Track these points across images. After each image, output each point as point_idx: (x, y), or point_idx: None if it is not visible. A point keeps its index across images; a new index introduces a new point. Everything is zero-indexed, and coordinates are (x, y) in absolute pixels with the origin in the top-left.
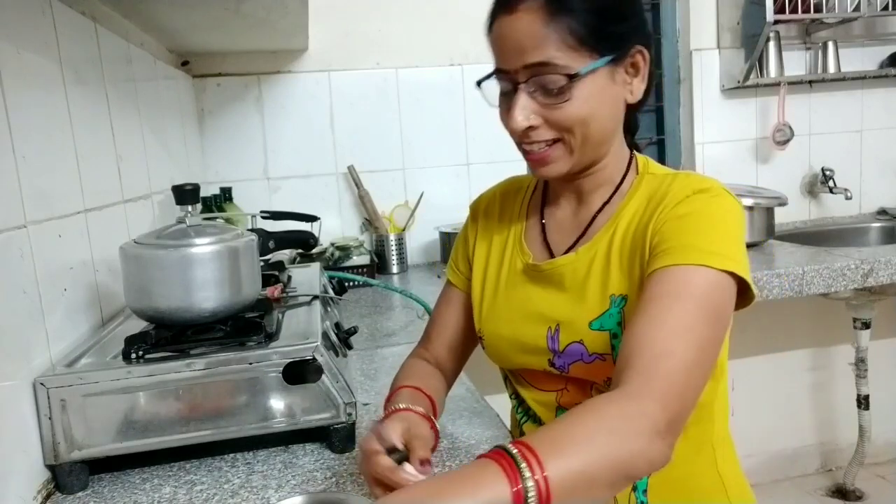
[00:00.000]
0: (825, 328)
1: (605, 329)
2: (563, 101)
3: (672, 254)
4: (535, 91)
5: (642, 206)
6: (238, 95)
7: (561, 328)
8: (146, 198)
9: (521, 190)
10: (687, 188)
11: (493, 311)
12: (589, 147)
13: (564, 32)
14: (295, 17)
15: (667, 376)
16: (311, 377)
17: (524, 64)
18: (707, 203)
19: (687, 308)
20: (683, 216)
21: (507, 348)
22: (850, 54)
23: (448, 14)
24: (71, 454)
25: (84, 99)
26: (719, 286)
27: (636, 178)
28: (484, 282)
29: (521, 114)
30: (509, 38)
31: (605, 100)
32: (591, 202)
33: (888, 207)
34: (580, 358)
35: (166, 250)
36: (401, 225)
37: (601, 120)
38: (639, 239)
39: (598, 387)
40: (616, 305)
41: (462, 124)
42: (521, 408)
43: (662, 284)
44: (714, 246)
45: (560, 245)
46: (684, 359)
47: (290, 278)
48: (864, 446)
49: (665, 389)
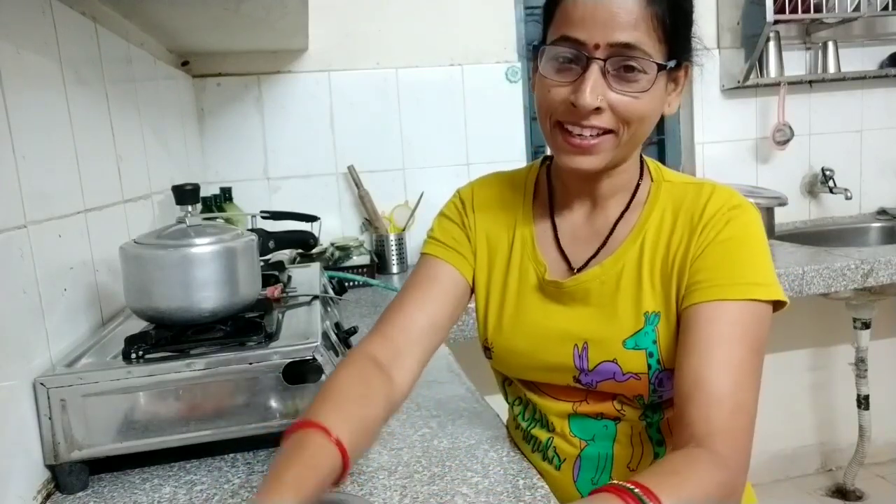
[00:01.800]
0: (825, 328)
1: (641, 348)
2: (640, 90)
3: (723, 288)
4: (613, 73)
5: (669, 218)
6: (238, 95)
7: (590, 346)
8: (146, 198)
9: (518, 188)
10: (723, 206)
11: (505, 323)
12: (630, 146)
13: (657, 20)
14: (295, 17)
15: (743, 435)
16: (311, 377)
17: (611, 41)
18: (745, 226)
19: (745, 353)
20: (726, 241)
21: (525, 364)
22: (850, 54)
23: (448, 14)
24: (71, 454)
25: (84, 99)
26: (766, 319)
27: (652, 186)
28: (488, 288)
29: (592, 92)
30: (601, 7)
31: (658, 103)
32: (608, 208)
33: (888, 207)
34: (612, 377)
35: (166, 250)
36: (401, 225)
37: (651, 122)
38: (674, 257)
39: (622, 398)
40: (651, 323)
41: (462, 124)
42: (526, 413)
43: (719, 324)
44: (759, 276)
45: (577, 255)
46: (752, 412)
47: (290, 278)
48: (864, 446)
49: (745, 453)
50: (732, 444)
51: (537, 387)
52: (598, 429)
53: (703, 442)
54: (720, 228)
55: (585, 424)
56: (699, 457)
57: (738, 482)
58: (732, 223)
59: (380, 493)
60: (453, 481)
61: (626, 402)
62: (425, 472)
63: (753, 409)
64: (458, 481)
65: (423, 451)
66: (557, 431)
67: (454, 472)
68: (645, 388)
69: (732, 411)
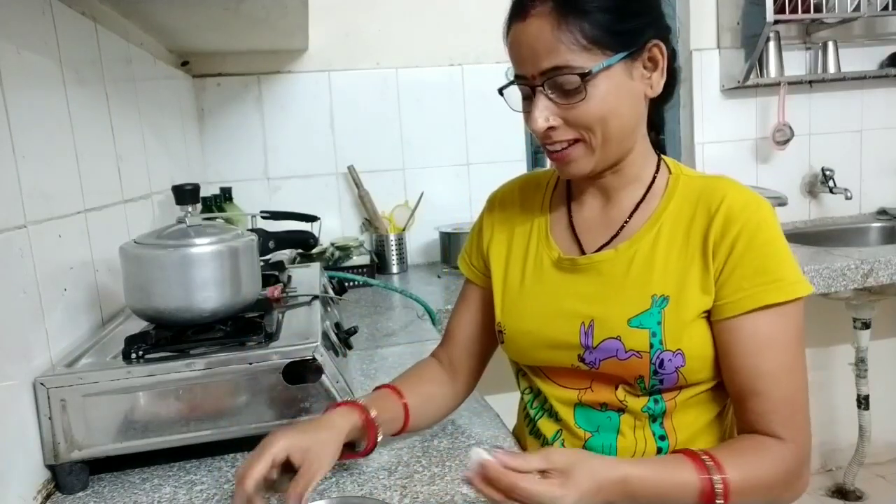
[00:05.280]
0: (825, 328)
1: (645, 327)
2: (578, 100)
3: (772, 291)
4: (552, 93)
5: (688, 209)
6: (238, 95)
7: (596, 323)
8: (146, 198)
9: (540, 185)
10: (747, 204)
11: (518, 305)
12: (611, 144)
13: (576, 34)
14: (295, 17)
15: (801, 417)
16: (311, 377)
17: (539, 70)
18: (772, 226)
19: (793, 350)
20: (762, 245)
21: (532, 344)
22: (850, 54)
23: (448, 14)
24: (71, 454)
25: (84, 99)
26: (802, 310)
27: (670, 178)
28: (506, 275)
29: (540, 115)
30: (524, 45)
31: (623, 96)
32: (621, 200)
33: (888, 207)
34: (614, 354)
35: (166, 250)
36: (401, 225)
37: (621, 117)
38: (694, 246)
39: (625, 386)
40: (657, 306)
41: (462, 124)
42: (535, 402)
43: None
44: (794, 273)
45: (590, 241)
46: (804, 396)
47: (290, 278)
48: (864, 446)
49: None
50: (793, 427)
51: (544, 373)
52: (602, 420)
53: (767, 432)
54: (753, 231)
55: (590, 415)
56: (764, 441)
57: (805, 453)
58: (763, 225)
59: (380, 493)
60: (453, 481)
61: (628, 391)
62: (425, 472)
63: (804, 392)
64: (458, 481)
65: (423, 451)
66: (563, 422)
67: (454, 472)
68: (646, 368)
69: (787, 403)
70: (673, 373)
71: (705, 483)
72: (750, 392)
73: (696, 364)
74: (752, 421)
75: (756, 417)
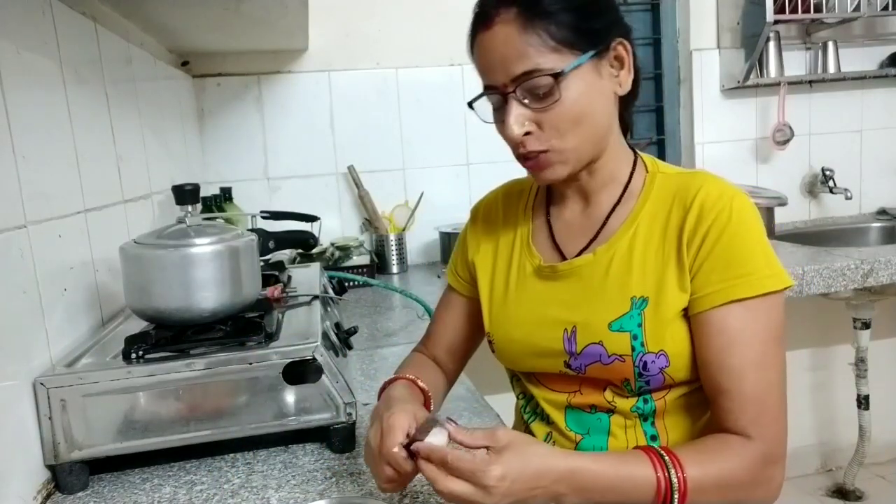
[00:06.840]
0: (825, 328)
1: (626, 330)
2: (552, 102)
3: (740, 285)
4: (525, 98)
5: (664, 207)
6: (238, 95)
7: (578, 330)
8: (146, 198)
9: (523, 192)
10: (721, 196)
11: (503, 315)
12: (589, 145)
13: (544, 36)
14: (295, 17)
15: (773, 414)
16: (311, 377)
17: (510, 76)
18: (747, 220)
19: (765, 346)
20: (733, 237)
21: (520, 352)
22: (850, 54)
23: (448, 14)
24: (71, 454)
25: (84, 99)
26: (780, 304)
27: (647, 177)
28: (492, 285)
29: (515, 122)
30: (492, 53)
31: (594, 95)
32: (600, 202)
33: (888, 207)
34: (598, 359)
35: (166, 250)
36: (401, 225)
37: (594, 116)
38: (670, 244)
39: (612, 388)
40: (637, 307)
41: (462, 124)
42: (528, 407)
43: (744, 321)
44: (767, 267)
45: (570, 246)
46: (778, 392)
47: (290, 278)
48: (864, 446)
49: (775, 426)
50: (760, 425)
51: (535, 377)
52: (593, 422)
53: (735, 430)
54: (724, 224)
55: (580, 418)
56: (729, 440)
57: (773, 452)
58: (735, 217)
59: (380, 493)
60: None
61: (616, 392)
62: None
63: (777, 389)
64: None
65: None
66: (554, 425)
67: None
68: (630, 372)
69: (755, 401)
70: (658, 374)
71: (661, 480)
72: (717, 389)
73: (680, 363)
74: (722, 418)
75: (724, 415)
